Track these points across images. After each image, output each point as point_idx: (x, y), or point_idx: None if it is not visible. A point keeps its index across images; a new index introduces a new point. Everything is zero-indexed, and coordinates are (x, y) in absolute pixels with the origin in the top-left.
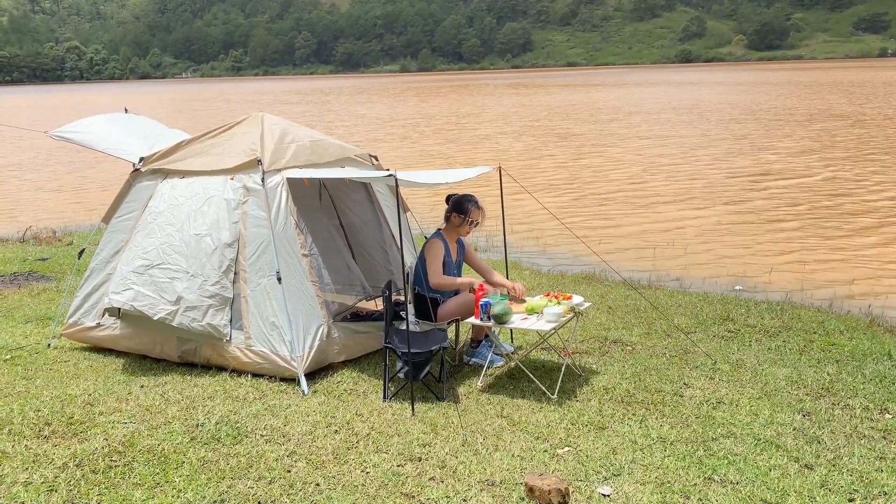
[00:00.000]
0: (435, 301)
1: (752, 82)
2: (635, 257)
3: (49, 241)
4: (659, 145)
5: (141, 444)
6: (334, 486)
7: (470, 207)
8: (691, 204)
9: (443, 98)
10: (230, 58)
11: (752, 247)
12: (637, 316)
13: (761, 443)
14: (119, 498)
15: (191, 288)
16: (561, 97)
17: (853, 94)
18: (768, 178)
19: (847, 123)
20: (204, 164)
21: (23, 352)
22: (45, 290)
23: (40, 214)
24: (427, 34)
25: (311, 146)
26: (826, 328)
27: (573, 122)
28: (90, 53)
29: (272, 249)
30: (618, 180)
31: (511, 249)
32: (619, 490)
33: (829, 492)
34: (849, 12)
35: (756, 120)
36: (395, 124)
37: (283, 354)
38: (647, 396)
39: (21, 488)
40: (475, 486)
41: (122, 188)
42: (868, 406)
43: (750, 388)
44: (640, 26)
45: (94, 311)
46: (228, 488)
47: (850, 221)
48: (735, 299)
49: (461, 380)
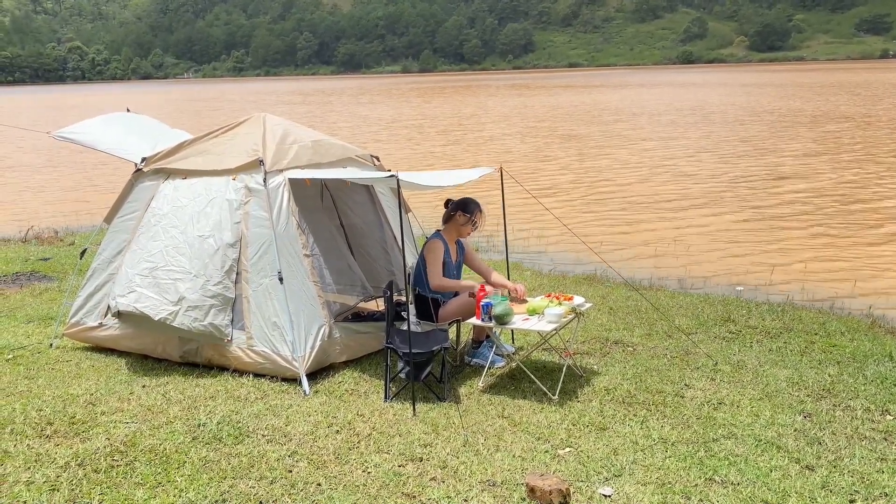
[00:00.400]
0: (436, 301)
1: (756, 83)
2: (637, 258)
3: (51, 241)
4: (664, 147)
5: (143, 443)
6: (336, 486)
7: (475, 209)
8: (693, 205)
9: (445, 98)
10: (232, 58)
11: (754, 248)
12: (638, 317)
13: (762, 444)
14: (121, 497)
15: (193, 288)
16: (564, 98)
17: (858, 95)
18: (771, 179)
19: (853, 125)
20: (206, 164)
21: (25, 351)
22: (46, 289)
23: (42, 214)
24: (429, 35)
25: (312, 146)
26: (827, 329)
27: (577, 123)
28: (92, 54)
29: (274, 250)
30: (620, 181)
31: (512, 250)
32: (620, 491)
33: (830, 493)
34: (851, 13)
35: (760, 121)
36: (398, 126)
37: (284, 354)
38: (649, 397)
39: (23, 487)
40: (476, 487)
41: (124, 188)
42: (869, 407)
43: (751, 389)
44: (641, 27)
45: (97, 311)
46: (230, 488)
47: (852, 223)
48: (736, 300)
49: (462, 380)
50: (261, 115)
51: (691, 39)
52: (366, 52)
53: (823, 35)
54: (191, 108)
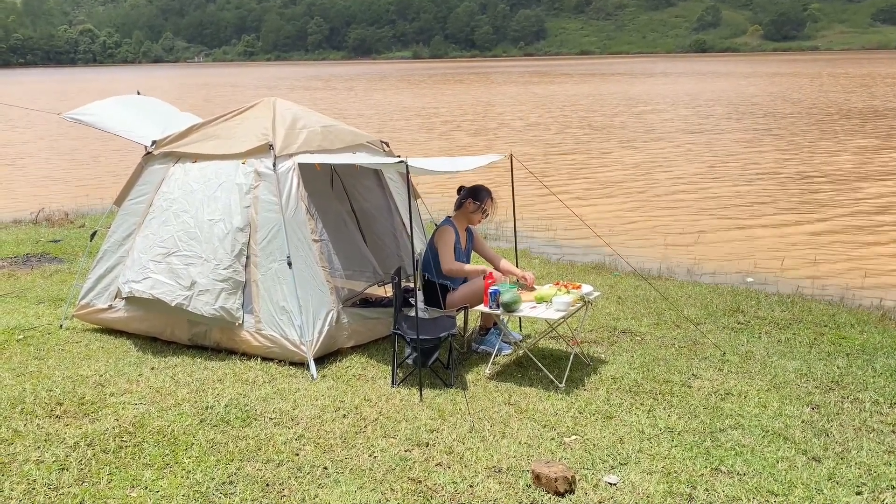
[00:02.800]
0: (444, 288)
1: (784, 73)
2: (646, 247)
3: (61, 223)
4: (690, 143)
5: (151, 425)
6: (342, 470)
7: (485, 196)
8: (704, 195)
9: (467, 86)
10: (242, 42)
11: (764, 239)
12: (646, 306)
13: (769, 435)
14: (129, 478)
15: (204, 272)
16: (589, 87)
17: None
18: (782, 170)
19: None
20: (216, 147)
21: (35, 332)
22: (57, 271)
23: (53, 196)
24: (440, 21)
25: (322, 132)
26: (837, 321)
27: (603, 115)
28: (103, 36)
29: (283, 234)
30: (635, 171)
31: (521, 238)
32: (626, 479)
33: (837, 485)
34: (867, 3)
35: (806, 115)
36: (424, 115)
37: (292, 339)
38: (656, 387)
39: (33, 466)
40: (482, 473)
41: (134, 171)
42: (878, 400)
43: (759, 379)
44: (654, 15)
45: (107, 293)
46: (237, 470)
47: (863, 215)
48: (745, 291)
49: (469, 367)
50: (271, 100)
51: (705, 28)
52: (376, 38)
53: (839, 24)
54: (205, 93)
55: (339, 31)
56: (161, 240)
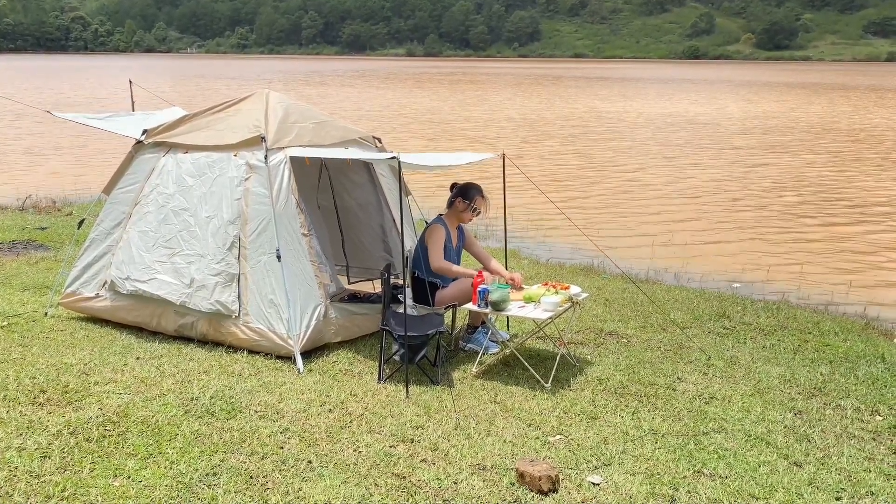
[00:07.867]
0: (433, 285)
1: (785, 83)
2: (634, 248)
3: (49, 210)
4: (689, 156)
5: (135, 414)
6: (326, 464)
7: (475, 195)
8: (694, 202)
9: (461, 91)
10: (236, 35)
11: (751, 246)
12: (633, 309)
13: (752, 439)
14: (112, 467)
15: (200, 268)
16: (587, 101)
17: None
18: (773, 180)
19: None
20: (208, 139)
21: (20, 319)
22: (43, 258)
23: (40, 183)
24: (435, 19)
25: (315, 126)
26: (821, 329)
27: (598, 124)
28: (95, 24)
29: (273, 227)
30: (625, 178)
31: (511, 238)
32: (609, 479)
33: (817, 490)
34: (859, 15)
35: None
36: (421, 119)
37: (279, 332)
38: (641, 389)
39: (15, 453)
40: (466, 470)
41: (124, 160)
42: (859, 407)
43: (743, 384)
44: (648, 20)
45: (94, 282)
46: (221, 462)
47: (850, 224)
48: (732, 297)
49: (456, 365)
50: (264, 92)
51: (698, 35)
52: (371, 34)
53: (831, 35)
54: (200, 86)
55: (334, 26)
56: (165, 240)
